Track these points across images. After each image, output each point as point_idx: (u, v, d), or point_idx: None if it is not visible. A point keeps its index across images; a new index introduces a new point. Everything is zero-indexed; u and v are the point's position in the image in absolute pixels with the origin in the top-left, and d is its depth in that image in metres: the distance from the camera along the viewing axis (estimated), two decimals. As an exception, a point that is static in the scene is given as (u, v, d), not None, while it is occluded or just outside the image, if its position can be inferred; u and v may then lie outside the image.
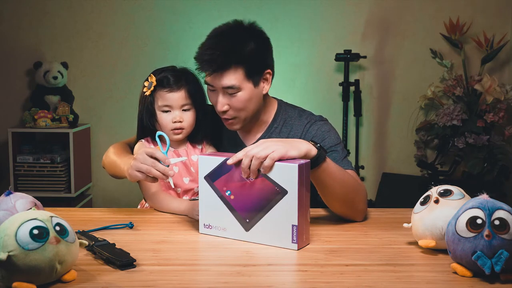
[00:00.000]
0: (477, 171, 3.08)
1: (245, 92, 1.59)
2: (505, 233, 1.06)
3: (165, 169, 1.44)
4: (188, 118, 1.68)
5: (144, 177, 1.47)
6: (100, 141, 3.53)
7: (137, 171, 1.47)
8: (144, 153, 1.47)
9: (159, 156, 1.45)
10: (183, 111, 1.67)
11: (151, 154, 1.46)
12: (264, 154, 1.29)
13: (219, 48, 1.55)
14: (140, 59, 3.48)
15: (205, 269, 1.21)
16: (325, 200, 1.51)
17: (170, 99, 1.66)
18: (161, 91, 1.66)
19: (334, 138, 1.65)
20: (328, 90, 3.49)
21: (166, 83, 1.66)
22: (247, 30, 1.62)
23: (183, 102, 1.67)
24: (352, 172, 1.57)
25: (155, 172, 1.44)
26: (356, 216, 1.54)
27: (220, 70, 1.55)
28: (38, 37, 3.47)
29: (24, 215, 1.06)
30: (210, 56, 1.55)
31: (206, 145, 1.75)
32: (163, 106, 1.67)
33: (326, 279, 1.11)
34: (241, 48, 1.57)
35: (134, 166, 1.47)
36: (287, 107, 1.76)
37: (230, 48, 1.56)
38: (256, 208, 1.32)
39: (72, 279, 1.08)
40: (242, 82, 1.58)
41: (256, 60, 1.60)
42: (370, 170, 3.53)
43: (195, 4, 3.46)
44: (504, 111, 3.14)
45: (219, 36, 1.60)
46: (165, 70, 1.70)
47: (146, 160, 1.45)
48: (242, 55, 1.56)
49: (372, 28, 3.46)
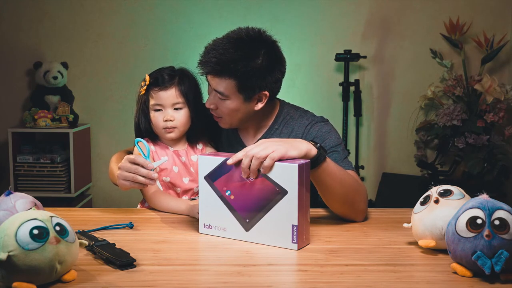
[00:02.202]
0: (477, 171, 3.08)
1: (232, 102, 1.59)
2: (505, 233, 1.06)
3: (148, 173, 1.46)
4: (180, 117, 1.68)
5: (131, 185, 1.49)
6: (100, 141, 3.53)
7: (123, 180, 1.50)
8: (126, 160, 1.50)
9: (140, 161, 1.47)
10: (175, 109, 1.67)
11: (133, 161, 1.48)
12: (264, 154, 1.29)
13: (218, 54, 1.55)
14: (140, 59, 3.48)
15: (205, 269, 1.21)
16: (325, 200, 1.51)
17: (161, 97, 1.66)
18: (153, 90, 1.67)
19: (335, 139, 1.65)
20: (328, 90, 3.48)
21: (157, 82, 1.67)
22: (259, 46, 1.58)
23: (174, 100, 1.66)
24: (353, 172, 1.57)
25: (139, 178, 1.47)
26: (357, 216, 1.54)
27: (213, 74, 1.57)
28: (38, 37, 3.47)
29: (24, 215, 1.06)
30: (207, 59, 1.56)
31: (205, 145, 1.75)
32: (155, 105, 1.67)
33: (326, 279, 1.11)
34: (239, 64, 1.53)
35: (119, 175, 1.51)
36: (289, 108, 1.76)
37: (228, 59, 1.54)
38: (256, 208, 1.32)
39: (72, 279, 1.08)
40: (232, 93, 1.58)
41: (252, 80, 1.56)
42: (370, 170, 3.53)
43: (195, 4, 3.46)
44: (504, 111, 3.14)
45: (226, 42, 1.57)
46: (161, 70, 1.71)
47: (130, 168, 1.48)
48: (236, 71, 1.54)
49: (372, 28, 3.46)
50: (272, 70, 1.60)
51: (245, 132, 1.74)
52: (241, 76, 1.55)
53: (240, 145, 1.72)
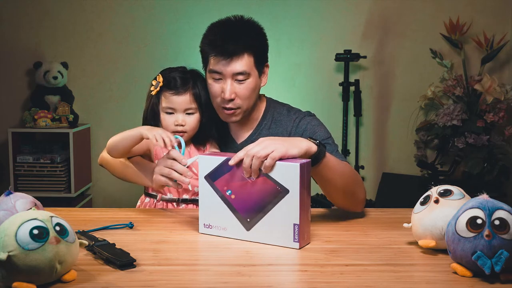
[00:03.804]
0: (477, 171, 3.08)
1: (252, 80, 1.63)
2: (505, 233, 1.06)
3: (184, 170, 1.49)
4: (191, 122, 1.67)
5: (166, 182, 1.53)
6: (100, 141, 3.53)
7: (160, 175, 1.53)
8: (165, 156, 1.54)
9: (175, 155, 1.51)
10: (186, 114, 1.66)
11: (169, 156, 1.52)
12: (265, 154, 1.29)
13: (232, 35, 1.60)
14: (140, 59, 3.48)
15: (205, 269, 1.21)
16: (327, 194, 1.53)
17: (174, 102, 1.65)
18: (167, 92, 1.65)
19: (325, 132, 1.68)
20: (328, 90, 3.49)
21: (173, 85, 1.65)
22: (251, 23, 1.67)
23: (187, 106, 1.65)
24: (347, 163, 1.59)
25: (175, 174, 1.50)
26: (357, 206, 1.57)
27: (236, 55, 1.59)
28: (38, 37, 3.47)
29: (24, 215, 1.06)
30: (224, 42, 1.58)
31: (210, 146, 1.75)
32: (167, 108, 1.66)
33: (326, 279, 1.11)
34: (254, 36, 1.64)
35: (156, 170, 1.54)
36: (275, 104, 1.78)
37: (243, 35, 1.61)
38: (257, 208, 1.32)
39: (72, 279, 1.08)
40: (252, 69, 1.63)
41: (263, 51, 1.67)
42: (370, 170, 3.53)
43: (195, 4, 3.46)
44: (504, 111, 3.14)
45: (227, 26, 1.64)
46: (174, 71, 1.69)
47: (166, 162, 1.52)
48: (254, 43, 1.63)
49: (372, 28, 3.46)
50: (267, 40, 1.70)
51: (236, 128, 1.75)
52: (258, 49, 1.64)
53: (231, 141, 1.75)
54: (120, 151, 1.65)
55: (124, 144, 1.61)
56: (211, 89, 1.64)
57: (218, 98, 1.63)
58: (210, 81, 1.64)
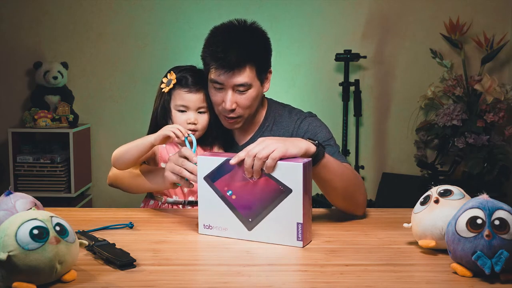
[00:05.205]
0: (477, 171, 3.08)
1: (254, 90, 1.61)
2: (505, 233, 1.06)
3: (195, 168, 1.46)
4: (203, 120, 1.66)
5: (177, 179, 1.50)
6: (100, 141, 3.53)
7: (171, 172, 1.51)
8: (176, 153, 1.52)
9: (186, 153, 1.48)
10: (198, 113, 1.66)
11: (181, 154, 1.50)
12: (265, 154, 1.29)
13: (234, 46, 1.56)
14: (140, 59, 3.48)
15: (205, 269, 1.21)
16: (327, 195, 1.52)
17: (188, 99, 1.64)
18: (180, 90, 1.64)
19: (326, 133, 1.68)
20: (328, 90, 3.48)
21: (185, 83, 1.64)
22: (254, 29, 1.63)
23: (200, 104, 1.65)
24: (349, 165, 1.59)
25: (185, 172, 1.48)
26: (357, 209, 1.56)
27: (237, 68, 1.56)
28: (38, 37, 3.47)
29: (24, 215, 1.06)
30: (226, 54, 1.54)
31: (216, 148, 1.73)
32: (180, 106, 1.65)
33: (326, 279, 1.11)
34: (255, 46, 1.59)
35: (168, 167, 1.52)
36: (277, 105, 1.78)
37: (246, 45, 1.57)
38: (259, 207, 1.32)
39: (72, 279, 1.08)
40: (254, 80, 1.60)
41: (265, 59, 1.64)
42: (370, 170, 3.53)
43: (195, 4, 3.46)
44: (504, 111, 3.14)
45: (230, 34, 1.59)
46: (185, 69, 1.68)
47: (178, 160, 1.50)
48: (255, 54, 1.59)
49: (372, 28, 3.46)
50: (270, 46, 1.67)
51: (239, 131, 1.74)
52: (260, 60, 1.61)
53: (233, 143, 1.74)
54: (127, 161, 1.61)
55: (133, 153, 1.58)
56: (212, 97, 1.64)
57: (219, 106, 1.63)
58: (212, 89, 1.63)
